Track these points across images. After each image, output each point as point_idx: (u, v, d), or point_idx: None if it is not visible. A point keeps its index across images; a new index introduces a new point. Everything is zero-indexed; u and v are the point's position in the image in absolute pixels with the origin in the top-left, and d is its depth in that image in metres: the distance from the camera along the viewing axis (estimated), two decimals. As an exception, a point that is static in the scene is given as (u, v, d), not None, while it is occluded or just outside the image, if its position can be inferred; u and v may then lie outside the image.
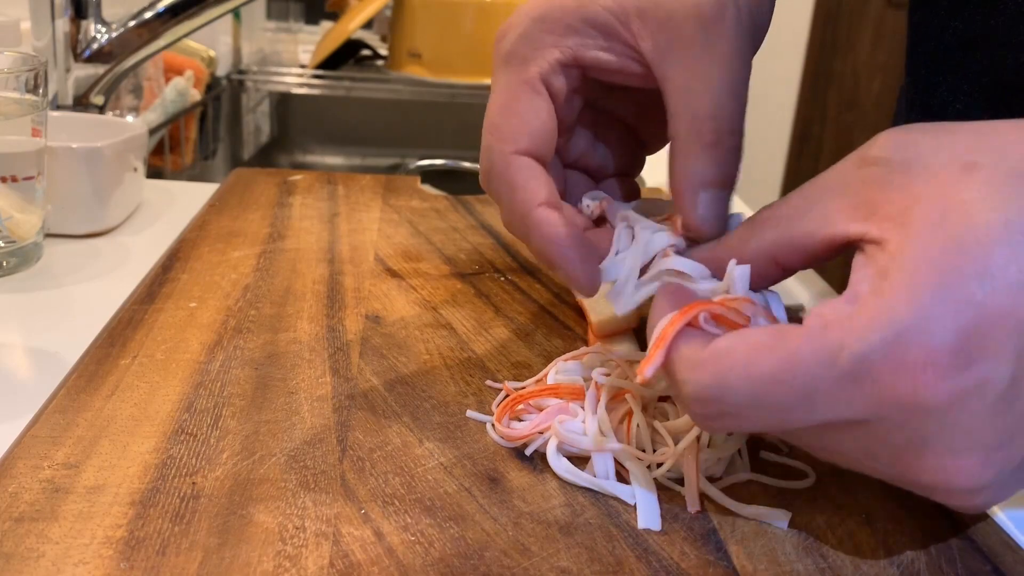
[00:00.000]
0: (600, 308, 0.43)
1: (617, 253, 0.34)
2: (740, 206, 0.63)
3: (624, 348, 0.40)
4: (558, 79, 0.35)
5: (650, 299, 0.31)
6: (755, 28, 0.33)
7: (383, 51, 1.46)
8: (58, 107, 0.69)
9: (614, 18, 0.34)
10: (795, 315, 0.34)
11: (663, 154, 0.35)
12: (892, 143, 0.27)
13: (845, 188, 0.27)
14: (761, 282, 0.30)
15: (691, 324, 0.28)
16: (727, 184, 0.33)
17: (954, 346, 0.23)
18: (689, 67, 0.32)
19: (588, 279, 0.33)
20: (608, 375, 0.35)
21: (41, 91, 0.50)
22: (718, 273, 0.30)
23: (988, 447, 0.24)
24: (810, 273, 0.58)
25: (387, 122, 1.34)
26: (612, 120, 0.39)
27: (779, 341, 0.25)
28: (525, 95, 0.34)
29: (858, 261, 0.26)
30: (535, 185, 0.33)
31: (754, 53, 0.34)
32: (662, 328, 0.28)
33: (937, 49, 0.49)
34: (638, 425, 0.33)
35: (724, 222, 0.33)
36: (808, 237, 0.27)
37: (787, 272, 0.30)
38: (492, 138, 0.34)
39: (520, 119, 0.34)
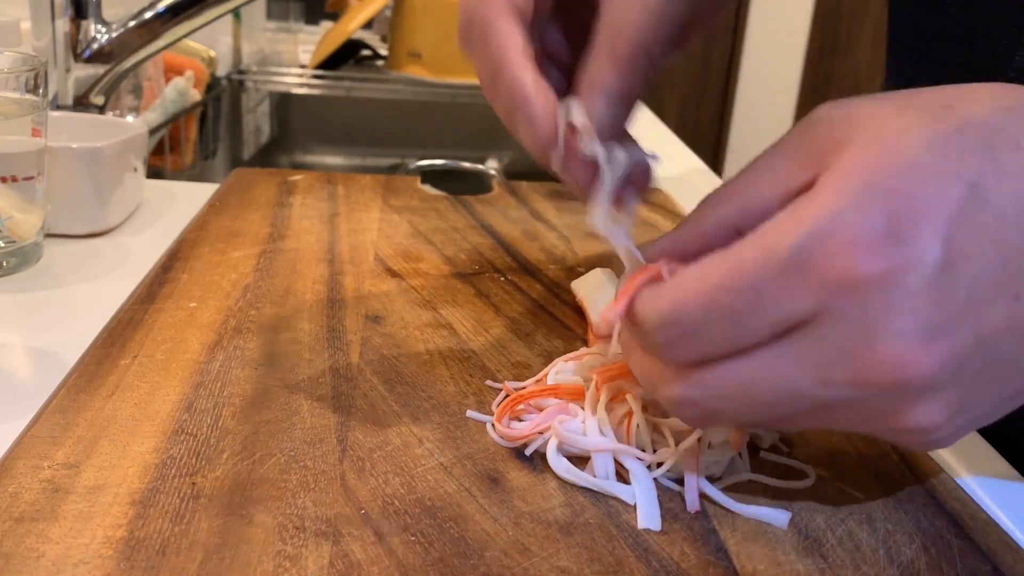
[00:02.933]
0: (600, 308, 0.43)
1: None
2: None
3: None
4: None
5: None
6: None
7: (383, 51, 1.46)
8: (58, 107, 0.69)
9: None
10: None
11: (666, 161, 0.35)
12: (832, 105, 0.28)
13: (792, 150, 0.28)
14: None
15: (653, 279, 0.29)
16: (627, 100, 0.33)
17: (884, 228, 0.24)
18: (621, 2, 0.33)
19: (545, 126, 0.32)
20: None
21: (41, 91, 0.50)
22: (685, 258, 0.30)
23: (933, 328, 0.25)
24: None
25: (387, 122, 1.34)
26: (580, 25, 0.38)
27: (726, 252, 0.26)
28: None
29: None
30: (514, 34, 0.33)
31: None
32: (625, 282, 0.30)
33: (917, 42, 0.50)
34: (638, 425, 0.33)
35: (618, 134, 0.34)
36: (764, 200, 0.28)
37: None
38: None
39: None
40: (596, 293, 0.43)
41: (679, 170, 0.85)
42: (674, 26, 0.33)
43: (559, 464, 0.32)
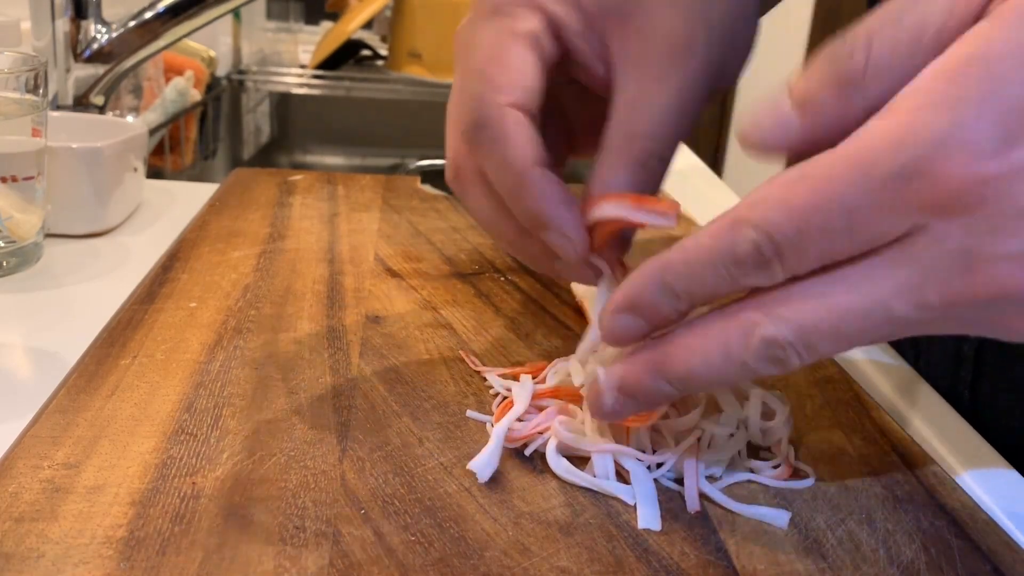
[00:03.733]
0: (600, 308, 0.43)
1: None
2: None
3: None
4: (546, 42, 0.34)
5: None
6: (724, 61, 0.33)
7: (383, 51, 1.46)
8: (58, 107, 0.69)
9: (599, 8, 0.33)
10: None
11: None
12: None
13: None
14: None
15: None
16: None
17: (992, 132, 0.23)
18: (643, 87, 0.32)
19: (581, 237, 0.32)
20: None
21: (41, 91, 0.50)
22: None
23: None
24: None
25: (387, 122, 1.34)
26: (555, 107, 0.37)
27: (810, 169, 0.25)
28: (518, 47, 0.33)
29: None
30: (529, 142, 0.32)
31: (724, 83, 0.34)
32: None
33: None
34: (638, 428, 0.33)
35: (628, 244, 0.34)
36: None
37: None
38: (483, 87, 0.32)
39: (514, 71, 0.33)
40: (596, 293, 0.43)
41: (679, 170, 0.85)
42: (690, 123, 0.33)
43: (559, 464, 0.32)
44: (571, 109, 0.38)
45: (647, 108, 0.32)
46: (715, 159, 2.84)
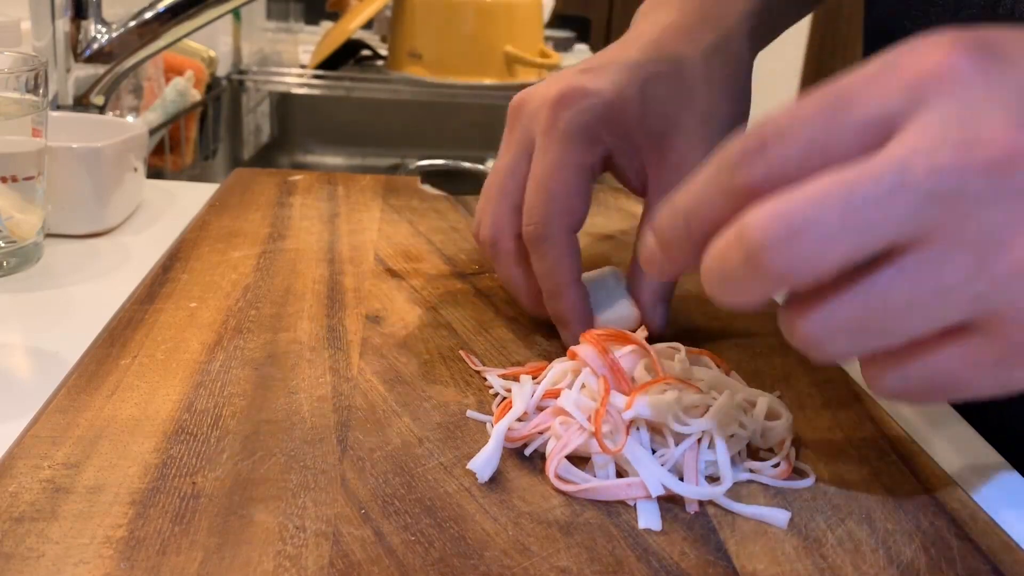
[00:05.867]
0: (603, 306, 0.43)
1: None
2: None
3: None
4: (599, 167, 0.42)
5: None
6: None
7: (383, 51, 1.46)
8: (58, 107, 0.69)
9: (645, 140, 0.41)
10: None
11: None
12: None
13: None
14: None
15: None
16: (670, 294, 0.43)
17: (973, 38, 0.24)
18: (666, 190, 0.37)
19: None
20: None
21: (41, 91, 0.50)
22: None
23: None
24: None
25: (387, 122, 1.34)
26: None
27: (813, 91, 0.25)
28: (585, 180, 0.41)
29: None
30: (576, 260, 0.41)
31: None
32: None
33: (892, 46, 0.50)
34: (638, 427, 0.33)
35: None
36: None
37: None
38: (557, 210, 0.40)
39: (580, 200, 0.40)
40: (601, 293, 0.43)
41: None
42: None
43: (559, 464, 0.32)
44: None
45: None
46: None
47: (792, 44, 2.44)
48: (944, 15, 0.46)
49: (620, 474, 0.32)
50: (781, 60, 2.43)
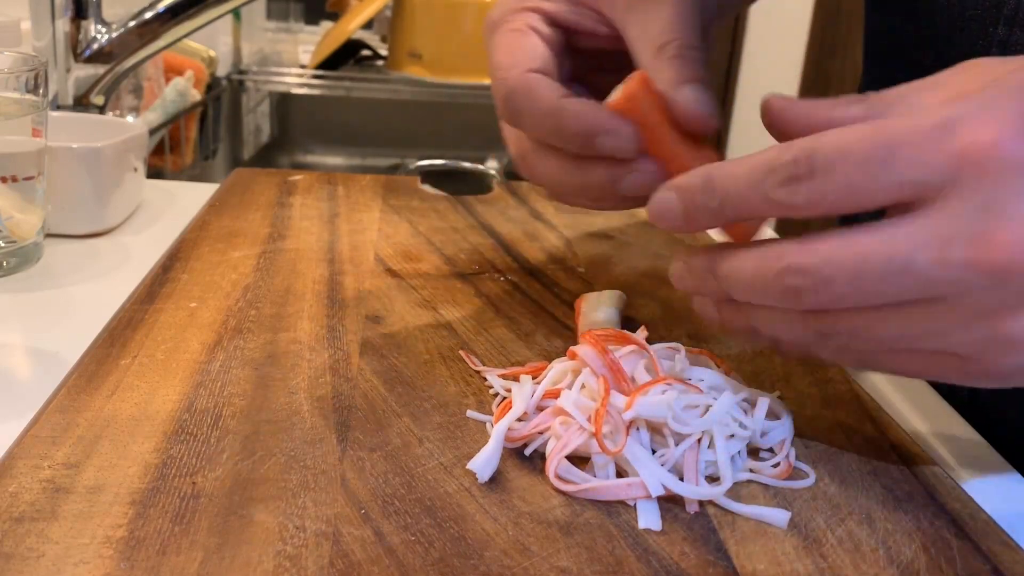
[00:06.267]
0: (593, 318, 0.43)
1: None
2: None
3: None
4: (543, 28, 0.39)
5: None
6: None
7: (383, 51, 1.46)
8: (58, 107, 0.69)
9: None
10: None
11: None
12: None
13: (942, 83, 0.30)
14: None
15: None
16: (703, 80, 0.35)
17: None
18: (644, 16, 0.37)
19: (630, 131, 0.35)
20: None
21: (41, 91, 0.50)
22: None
23: None
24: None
25: (387, 122, 1.34)
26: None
27: (873, 120, 0.28)
28: (519, 38, 0.38)
29: None
30: (552, 87, 0.36)
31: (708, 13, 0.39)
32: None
33: (893, 48, 0.52)
34: (638, 427, 0.33)
35: (715, 107, 0.35)
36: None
37: None
38: (502, 70, 0.37)
39: (523, 52, 0.38)
40: (599, 312, 0.43)
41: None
42: (698, 25, 0.36)
43: (559, 464, 0.32)
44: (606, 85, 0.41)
45: (656, 23, 0.36)
46: (717, 147, 2.83)
47: (792, 44, 2.43)
48: (947, 17, 0.46)
49: (620, 474, 0.32)
50: (781, 60, 2.42)
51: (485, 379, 0.39)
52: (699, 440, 0.33)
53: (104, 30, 0.71)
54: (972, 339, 0.28)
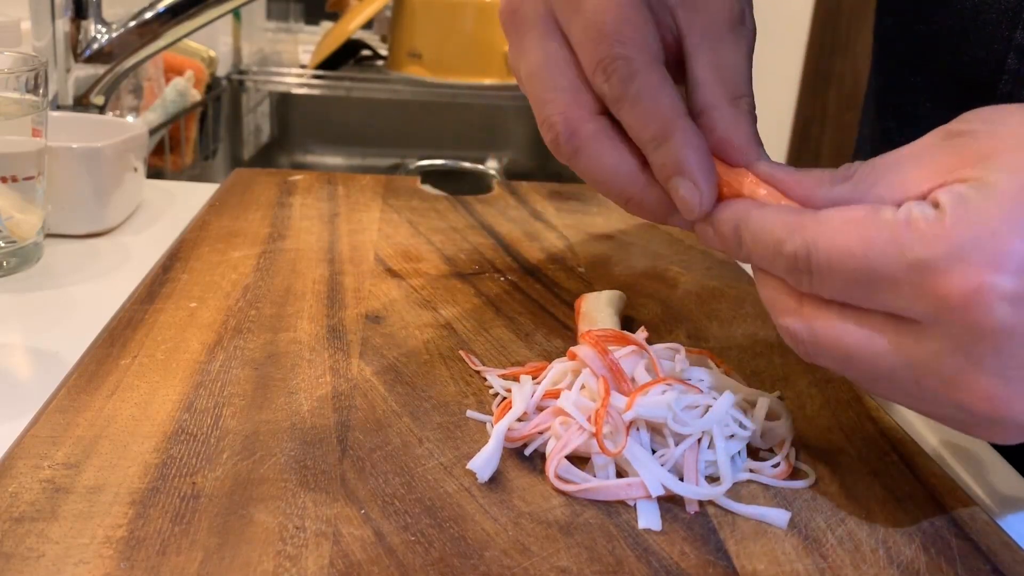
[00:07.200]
0: (593, 317, 0.43)
1: None
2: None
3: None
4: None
5: None
6: (755, 32, 0.37)
7: (383, 51, 1.46)
8: (58, 107, 0.69)
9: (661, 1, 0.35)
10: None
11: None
12: (978, 116, 0.28)
13: (925, 158, 0.28)
14: None
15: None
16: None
17: (1020, 272, 0.25)
18: (722, 54, 0.35)
19: (711, 190, 0.33)
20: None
21: (41, 91, 0.50)
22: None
23: None
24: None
25: (387, 122, 1.34)
26: None
27: (870, 218, 0.27)
28: (634, 6, 0.34)
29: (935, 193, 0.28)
30: (676, 93, 0.34)
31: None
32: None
33: (906, 50, 0.51)
34: (638, 428, 0.33)
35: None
36: (879, 199, 0.29)
37: None
38: (628, 39, 0.33)
39: (642, 30, 0.34)
40: (599, 312, 0.43)
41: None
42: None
43: (559, 464, 0.32)
44: None
45: (731, 71, 0.35)
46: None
47: (792, 44, 2.43)
48: (956, 19, 0.45)
49: (620, 474, 0.32)
50: (781, 60, 2.42)
51: (485, 379, 0.39)
52: (699, 440, 0.33)
53: (104, 30, 0.71)
54: (948, 415, 0.29)
